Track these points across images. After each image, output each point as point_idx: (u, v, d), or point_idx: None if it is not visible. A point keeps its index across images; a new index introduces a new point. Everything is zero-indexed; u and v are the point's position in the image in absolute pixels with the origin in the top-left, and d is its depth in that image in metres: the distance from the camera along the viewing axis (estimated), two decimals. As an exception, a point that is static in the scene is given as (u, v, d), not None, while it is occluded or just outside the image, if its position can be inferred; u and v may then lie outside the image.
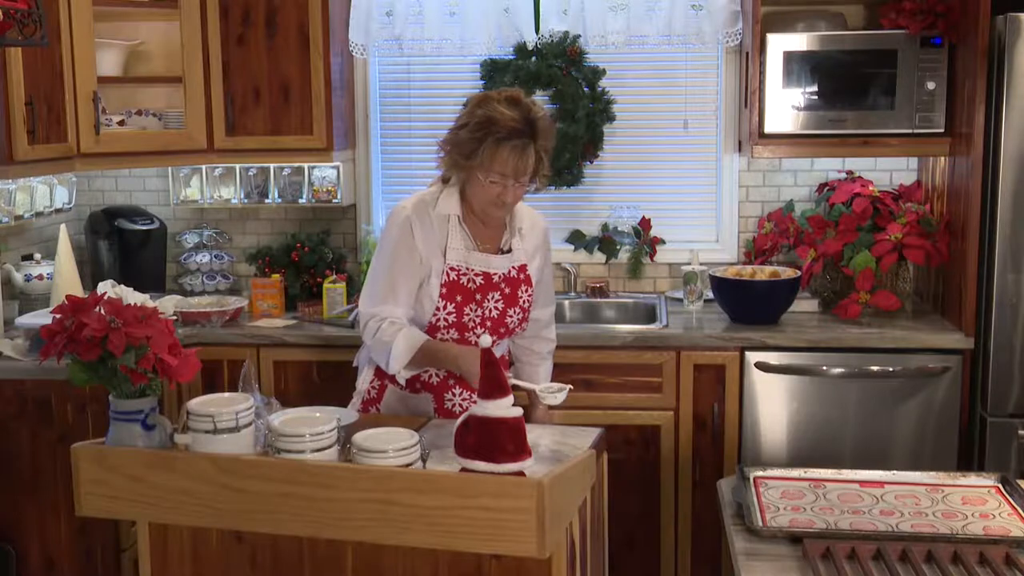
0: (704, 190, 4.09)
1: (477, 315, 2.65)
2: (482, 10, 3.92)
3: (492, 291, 2.67)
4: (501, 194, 2.55)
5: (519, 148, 2.50)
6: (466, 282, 2.65)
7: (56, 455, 3.24)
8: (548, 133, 2.56)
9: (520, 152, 2.50)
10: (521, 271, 2.72)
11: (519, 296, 2.71)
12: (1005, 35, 3.12)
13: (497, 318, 2.68)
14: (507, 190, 2.54)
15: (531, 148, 2.51)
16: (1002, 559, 2.03)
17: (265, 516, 2.00)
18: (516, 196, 2.58)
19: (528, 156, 2.51)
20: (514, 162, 2.51)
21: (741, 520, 2.24)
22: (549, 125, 2.57)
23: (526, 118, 2.51)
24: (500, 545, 1.90)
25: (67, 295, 2.11)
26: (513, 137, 2.49)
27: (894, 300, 3.50)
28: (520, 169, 2.52)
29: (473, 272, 2.65)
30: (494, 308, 2.67)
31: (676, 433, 3.46)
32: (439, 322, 2.65)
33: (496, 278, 2.67)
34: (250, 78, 3.78)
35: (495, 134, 2.49)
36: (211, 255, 4.15)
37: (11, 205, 3.71)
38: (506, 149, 2.49)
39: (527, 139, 2.50)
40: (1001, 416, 3.25)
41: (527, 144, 2.50)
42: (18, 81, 3.24)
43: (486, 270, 2.66)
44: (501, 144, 2.49)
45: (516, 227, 2.71)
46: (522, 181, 2.56)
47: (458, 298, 2.64)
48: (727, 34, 3.82)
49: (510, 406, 1.96)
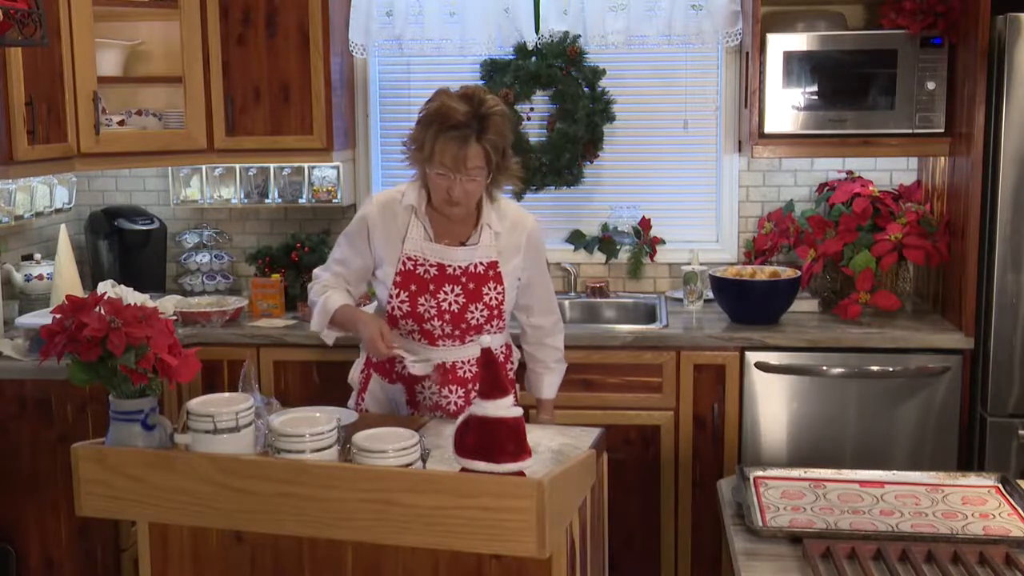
0: (704, 190, 4.09)
1: (432, 306, 2.66)
2: (482, 10, 3.92)
3: (449, 283, 2.67)
4: (449, 188, 2.56)
5: (459, 140, 2.50)
6: (422, 272, 2.67)
7: (56, 455, 3.23)
8: (499, 128, 2.54)
9: (461, 144, 2.50)
10: (490, 268, 2.69)
11: (484, 292, 2.68)
12: (1005, 35, 3.12)
13: (457, 312, 2.67)
14: (454, 184, 2.55)
15: (473, 141, 2.50)
16: (1002, 559, 2.03)
17: (265, 516, 2.00)
18: (466, 191, 2.57)
19: (469, 149, 2.50)
20: (454, 154, 2.51)
21: (741, 520, 2.24)
22: (501, 121, 2.56)
23: (475, 112, 2.51)
24: (500, 545, 1.90)
25: (67, 295, 2.12)
26: (453, 129, 2.50)
27: (894, 300, 3.50)
28: (461, 162, 2.51)
29: (429, 263, 2.67)
30: (453, 302, 2.66)
31: (676, 433, 3.46)
32: (394, 310, 2.69)
33: (453, 270, 2.67)
34: (250, 78, 3.78)
35: (439, 126, 2.52)
36: (211, 255, 4.15)
37: (11, 205, 3.71)
38: (447, 141, 2.51)
39: (469, 132, 2.50)
40: (1001, 416, 3.25)
41: (468, 136, 2.50)
42: (18, 81, 3.24)
43: (441, 261, 2.67)
44: (441, 136, 2.51)
45: (485, 222, 2.69)
46: (471, 176, 2.54)
47: (412, 287, 2.66)
48: (727, 34, 3.82)
49: (510, 406, 1.96)
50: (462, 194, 2.57)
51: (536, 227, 2.79)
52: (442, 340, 2.70)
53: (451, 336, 2.69)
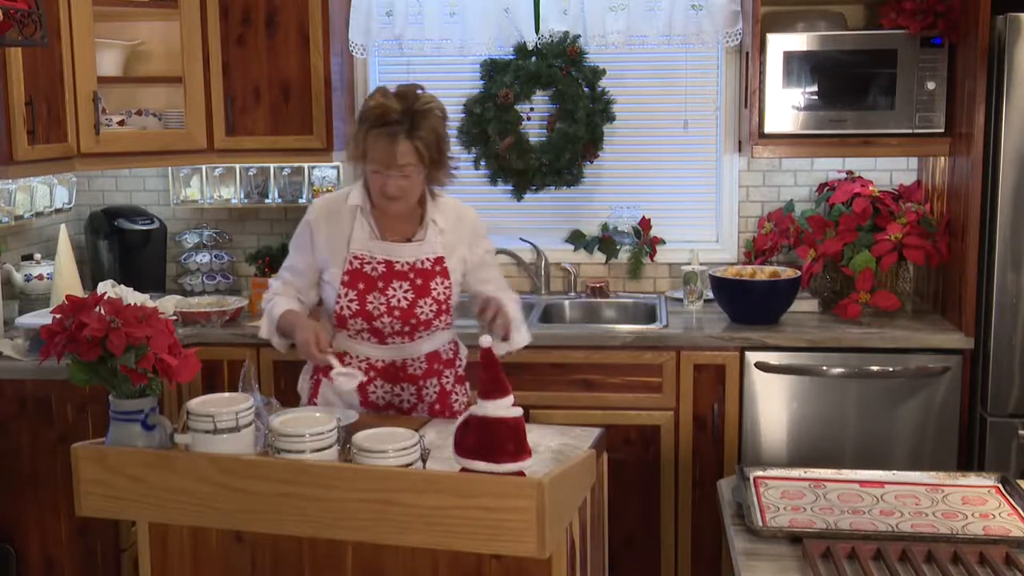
0: (704, 190, 4.09)
1: (382, 303, 2.67)
2: (482, 10, 3.92)
3: (397, 279, 2.68)
4: (383, 184, 2.58)
5: (387, 136, 2.52)
6: (369, 270, 2.69)
7: (56, 455, 3.23)
8: (431, 125, 2.56)
9: (389, 140, 2.52)
10: (437, 263, 2.71)
11: (432, 288, 2.70)
12: (1005, 35, 3.12)
13: (407, 308, 2.68)
14: (387, 180, 2.57)
15: (403, 138, 2.52)
16: (1002, 559, 2.03)
17: (265, 516, 2.00)
18: (400, 187, 2.58)
19: (399, 146, 2.52)
20: (383, 150, 2.53)
21: (741, 520, 2.24)
22: (434, 118, 2.58)
23: (406, 109, 2.54)
24: (500, 545, 1.90)
25: (67, 295, 2.12)
26: (384, 126, 2.53)
27: (894, 300, 3.50)
28: (392, 159, 2.53)
29: (376, 260, 2.69)
30: (402, 298, 2.68)
31: (676, 433, 3.46)
32: (343, 310, 2.69)
33: (401, 266, 2.69)
34: (250, 78, 3.78)
35: (370, 124, 2.55)
36: (211, 255, 4.15)
37: (11, 205, 3.71)
38: (378, 138, 2.54)
39: (400, 129, 2.52)
40: (1001, 416, 3.25)
41: (398, 133, 2.52)
42: (18, 81, 3.24)
43: (388, 258, 2.69)
44: (371, 132, 2.55)
45: (429, 219, 2.72)
46: (404, 172, 2.56)
47: (360, 286, 2.67)
48: (727, 34, 3.82)
49: (510, 406, 1.96)
50: (396, 190, 2.59)
51: (477, 217, 2.84)
52: (392, 338, 2.71)
53: (401, 333, 2.71)
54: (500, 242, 4.09)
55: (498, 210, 4.14)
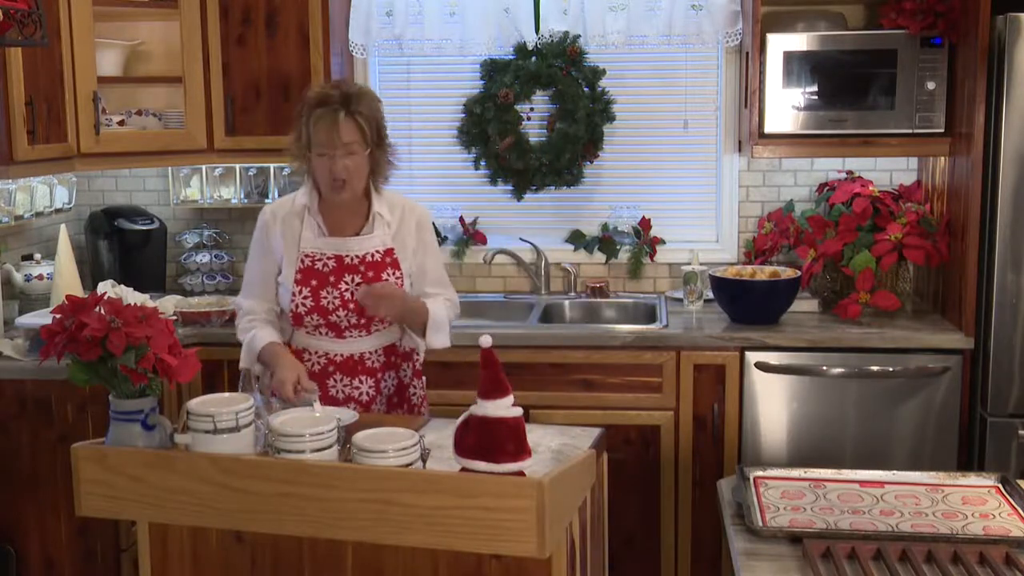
0: (704, 190, 4.09)
1: (336, 298, 2.73)
2: (482, 10, 3.92)
3: (349, 273, 2.74)
4: (331, 167, 2.65)
5: (329, 115, 2.64)
6: (320, 267, 2.75)
7: (56, 455, 3.23)
8: (368, 103, 2.69)
9: (332, 118, 2.63)
10: (387, 255, 2.78)
11: (383, 279, 2.75)
12: (1005, 35, 3.12)
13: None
14: (334, 161, 2.65)
15: (342, 114, 2.63)
16: (1002, 559, 2.03)
17: (265, 516, 2.00)
18: (347, 167, 2.66)
19: (340, 122, 2.63)
20: (327, 128, 2.63)
21: (741, 520, 2.24)
22: (370, 98, 2.72)
23: (342, 92, 2.68)
24: (500, 545, 1.90)
25: (67, 295, 2.12)
26: (323, 106, 2.65)
27: (894, 300, 3.50)
28: (335, 136, 2.63)
29: (326, 256, 2.75)
30: (355, 290, 2.72)
31: (676, 433, 3.46)
32: (299, 308, 2.75)
33: (351, 260, 2.75)
34: (250, 78, 3.78)
35: (310, 108, 2.68)
36: (211, 255, 4.15)
37: (11, 205, 3.71)
38: (319, 118, 2.65)
39: (338, 107, 2.64)
40: (1001, 416, 3.25)
41: (337, 110, 2.64)
42: (18, 81, 3.24)
43: (337, 252, 2.75)
44: (313, 114, 2.66)
45: (375, 212, 2.78)
46: (349, 149, 2.65)
47: (313, 282, 2.73)
48: (727, 34, 3.82)
49: (510, 406, 1.96)
50: (343, 170, 2.66)
51: (425, 212, 2.90)
52: (349, 331, 2.77)
53: (358, 326, 2.76)
54: (500, 242, 4.10)
55: (498, 210, 4.14)
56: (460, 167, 4.13)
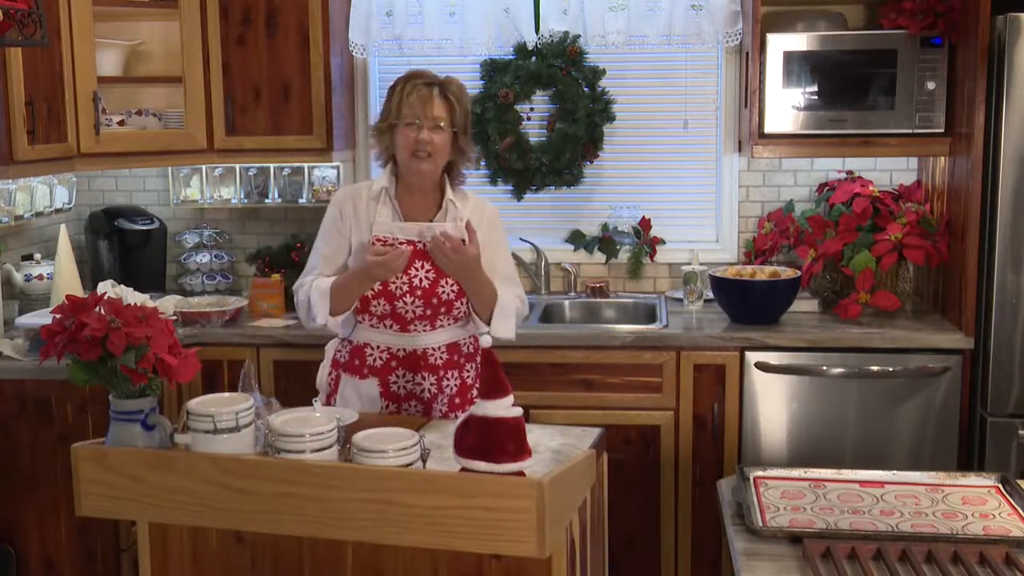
0: (704, 190, 4.09)
1: (404, 283, 2.70)
2: (482, 10, 3.92)
3: (419, 259, 2.72)
4: (416, 138, 2.67)
5: (424, 87, 2.70)
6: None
7: (56, 455, 3.23)
8: (460, 90, 2.75)
9: (427, 90, 2.70)
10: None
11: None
12: (1005, 35, 3.12)
13: (428, 288, 2.71)
14: (421, 133, 2.67)
15: (436, 90, 2.71)
16: (1002, 559, 2.03)
17: (265, 516, 2.00)
18: (433, 140, 2.68)
19: (434, 96, 2.70)
20: (419, 99, 2.69)
21: (741, 520, 2.24)
22: (459, 82, 2.77)
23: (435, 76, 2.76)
24: (500, 545, 1.90)
25: (67, 295, 2.12)
26: (415, 79, 2.73)
27: (894, 300, 3.50)
28: (427, 108, 2.68)
29: (399, 241, 2.73)
30: (424, 277, 2.71)
31: (676, 433, 3.46)
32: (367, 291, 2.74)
33: (423, 246, 2.73)
34: (250, 78, 3.78)
35: (405, 82, 2.74)
36: (211, 255, 4.15)
37: (11, 205, 3.71)
38: (414, 89, 2.70)
39: (432, 80, 2.73)
40: (1001, 416, 3.25)
41: (431, 85, 2.71)
42: (18, 81, 3.24)
43: (410, 238, 2.74)
44: (406, 88, 2.72)
45: (448, 200, 2.78)
46: (438, 124, 2.68)
47: None
48: (727, 34, 3.82)
49: (510, 406, 1.96)
50: (429, 141, 2.67)
51: (495, 210, 2.92)
52: (414, 323, 2.74)
53: (423, 317, 2.73)
54: (500, 242, 4.10)
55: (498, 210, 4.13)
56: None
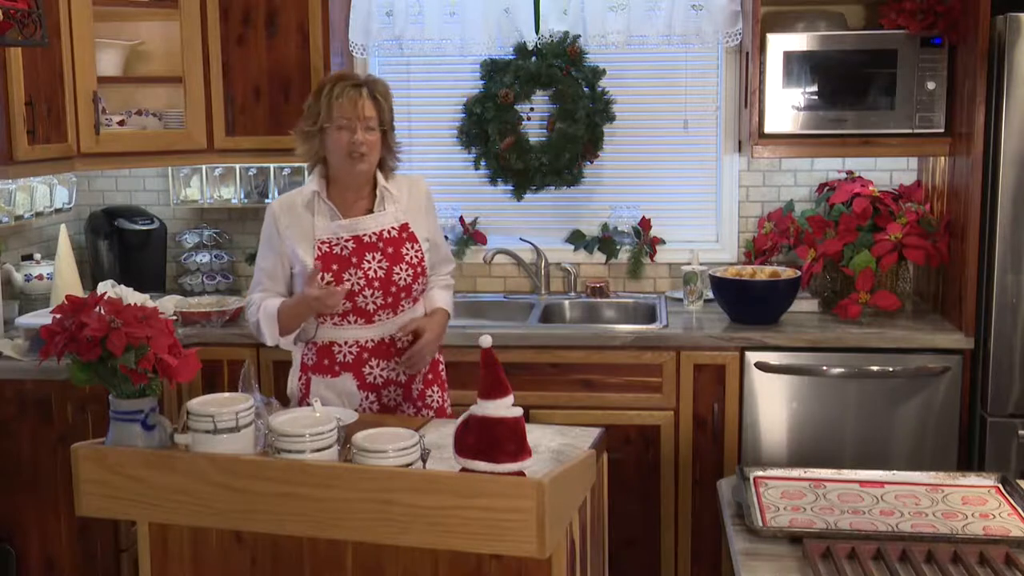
0: (704, 190, 4.09)
1: (359, 277, 2.72)
2: (482, 10, 3.92)
3: (369, 251, 2.74)
4: (350, 139, 2.68)
5: (352, 89, 2.70)
6: (339, 250, 2.74)
7: (56, 455, 3.23)
8: (384, 91, 2.76)
9: (355, 92, 2.69)
10: (403, 230, 2.79)
11: (404, 253, 2.76)
12: (1005, 35, 3.12)
13: (384, 277, 2.73)
14: (355, 133, 2.67)
15: (364, 90, 2.70)
16: (1002, 559, 2.03)
17: (265, 516, 2.00)
18: (366, 140, 2.69)
19: (364, 97, 2.69)
20: (351, 101, 2.68)
21: (741, 520, 2.24)
22: (383, 82, 2.79)
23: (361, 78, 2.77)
24: (500, 545, 1.90)
25: (67, 295, 2.12)
26: (343, 81, 2.73)
27: (894, 300, 3.50)
28: (358, 109, 2.68)
29: (343, 239, 2.75)
30: (377, 268, 2.73)
31: (676, 433, 3.46)
32: None
33: (369, 238, 2.75)
34: (250, 78, 3.78)
35: (332, 84, 2.73)
36: (211, 255, 4.15)
37: (11, 205, 3.71)
38: (343, 91, 2.69)
39: (359, 82, 2.73)
40: (1001, 416, 3.25)
41: (359, 87, 2.71)
42: (18, 81, 3.24)
43: (355, 233, 2.75)
44: (335, 91, 2.70)
45: (381, 187, 2.79)
46: (369, 125, 2.69)
47: (334, 267, 2.72)
48: (727, 34, 3.82)
49: (510, 406, 1.96)
50: (364, 142, 2.68)
51: (425, 184, 2.92)
52: (377, 314, 2.75)
53: (385, 307, 2.75)
54: (500, 242, 4.10)
55: (498, 210, 4.14)
56: (460, 167, 4.13)
